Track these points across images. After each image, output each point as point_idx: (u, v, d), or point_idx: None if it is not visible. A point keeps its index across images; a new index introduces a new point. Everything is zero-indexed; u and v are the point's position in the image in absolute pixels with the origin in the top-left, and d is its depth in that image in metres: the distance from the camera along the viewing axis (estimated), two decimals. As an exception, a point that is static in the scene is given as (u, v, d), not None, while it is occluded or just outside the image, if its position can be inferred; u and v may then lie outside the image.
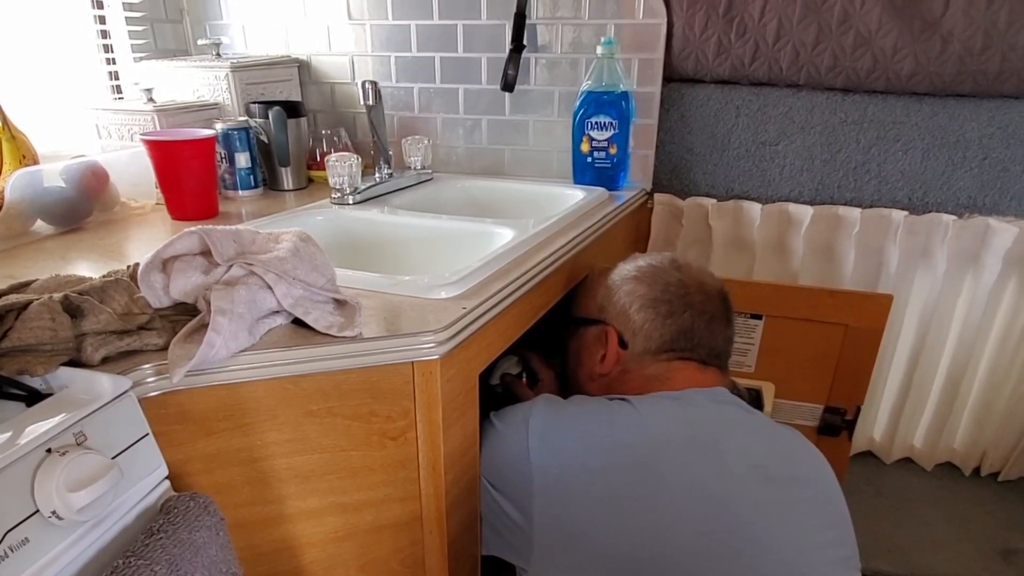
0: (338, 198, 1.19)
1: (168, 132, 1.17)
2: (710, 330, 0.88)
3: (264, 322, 0.68)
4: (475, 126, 1.46)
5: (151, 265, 0.68)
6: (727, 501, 0.71)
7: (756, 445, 0.77)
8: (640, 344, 0.89)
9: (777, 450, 0.78)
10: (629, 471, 0.74)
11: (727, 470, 0.73)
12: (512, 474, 0.80)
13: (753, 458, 0.75)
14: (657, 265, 0.93)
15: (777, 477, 0.75)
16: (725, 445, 0.76)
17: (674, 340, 0.88)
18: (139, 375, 0.61)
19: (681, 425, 0.77)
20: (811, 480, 0.77)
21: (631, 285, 0.91)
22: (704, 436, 0.76)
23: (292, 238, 0.74)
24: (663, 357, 0.88)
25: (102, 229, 1.08)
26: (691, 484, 0.72)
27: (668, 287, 0.89)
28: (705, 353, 0.88)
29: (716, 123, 1.32)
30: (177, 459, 0.66)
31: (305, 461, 0.71)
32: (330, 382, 0.68)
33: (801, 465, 0.78)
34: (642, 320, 0.89)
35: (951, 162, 1.22)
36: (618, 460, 0.75)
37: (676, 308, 0.88)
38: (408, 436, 0.72)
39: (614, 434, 0.77)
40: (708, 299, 0.90)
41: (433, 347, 0.69)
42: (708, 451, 0.75)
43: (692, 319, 0.88)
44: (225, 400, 0.66)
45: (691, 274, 0.91)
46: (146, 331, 0.64)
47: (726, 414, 0.81)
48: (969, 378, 1.31)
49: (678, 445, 0.75)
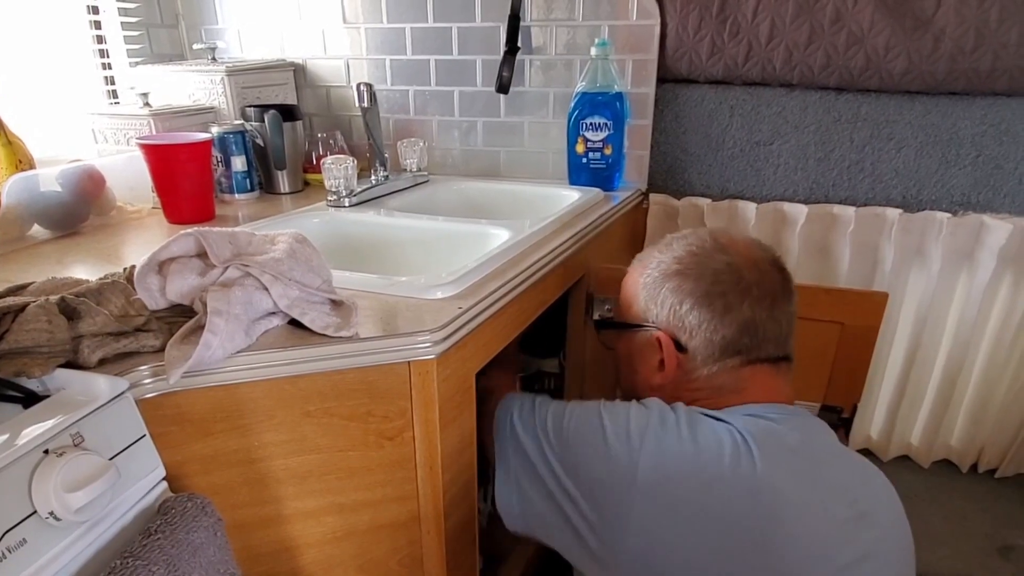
0: (334, 200, 1.19)
1: (164, 136, 1.17)
2: (773, 316, 0.77)
3: (261, 323, 0.69)
4: (471, 128, 1.46)
5: (147, 267, 0.68)
6: (830, 544, 0.67)
7: (850, 480, 0.73)
8: (701, 346, 0.77)
9: (866, 488, 0.73)
10: (741, 504, 0.67)
11: (829, 513, 0.68)
12: (607, 484, 0.70)
13: (848, 495, 0.70)
14: (699, 251, 0.80)
15: (871, 518, 0.70)
16: (825, 480, 0.70)
17: (738, 339, 0.76)
18: (136, 376, 0.62)
19: (786, 458, 0.69)
20: (894, 522, 0.73)
21: (675, 281, 0.79)
22: (806, 470, 0.70)
23: (288, 240, 0.75)
24: (730, 363, 0.77)
25: (99, 233, 1.09)
26: (798, 519, 0.66)
27: (718, 276, 0.77)
28: (773, 347, 0.77)
29: (710, 123, 1.33)
30: (175, 460, 0.66)
31: (303, 461, 0.71)
32: (327, 382, 0.68)
33: (881, 504, 0.74)
34: (697, 321, 0.77)
35: (944, 160, 1.23)
36: (728, 490, 0.67)
37: (732, 300, 0.76)
38: (405, 436, 0.73)
39: (722, 464, 0.68)
40: (764, 277, 0.77)
41: (429, 347, 0.69)
42: (810, 487, 0.69)
43: (752, 311, 0.76)
44: (222, 401, 0.66)
45: (740, 251, 0.79)
46: (143, 333, 0.65)
47: (817, 442, 0.74)
48: (965, 375, 1.31)
49: (785, 486, 0.67)
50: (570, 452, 0.74)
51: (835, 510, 0.68)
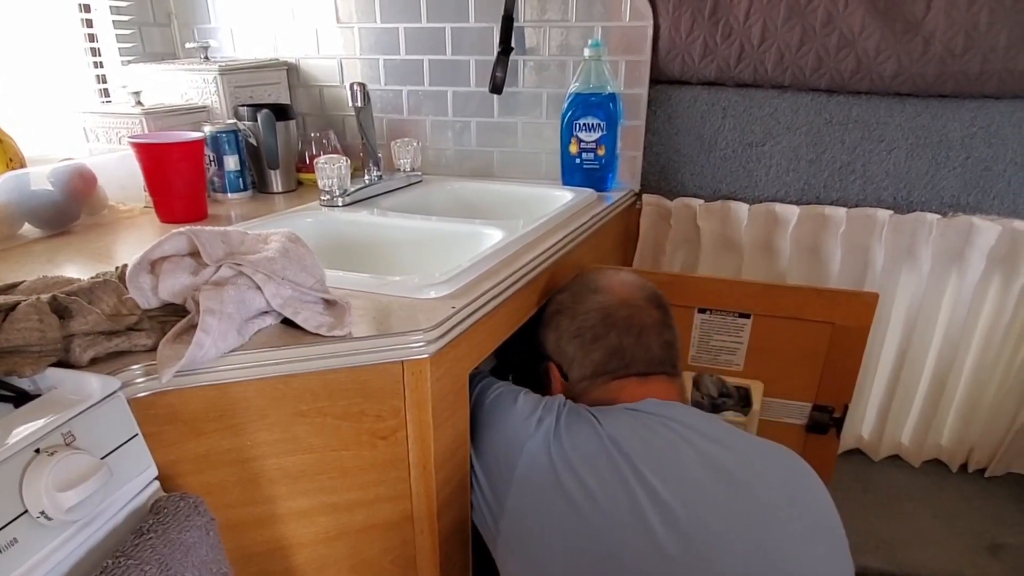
0: (327, 200, 1.19)
1: (156, 135, 1.17)
2: (641, 343, 0.89)
3: (253, 322, 0.68)
4: (464, 128, 1.47)
5: (139, 266, 0.68)
6: (686, 503, 0.71)
7: (713, 448, 0.78)
8: (576, 372, 0.91)
9: (736, 454, 0.78)
10: (601, 471, 0.75)
11: (686, 475, 0.74)
12: (501, 453, 0.81)
13: (712, 460, 0.76)
14: (577, 292, 0.95)
15: (739, 479, 0.75)
16: (680, 451, 0.77)
17: (606, 362, 0.89)
18: (128, 376, 0.61)
19: (637, 431, 0.78)
20: (777, 482, 0.77)
21: (556, 320, 0.94)
22: (660, 442, 0.77)
23: (281, 239, 0.75)
24: (599, 381, 0.89)
25: (90, 232, 1.08)
26: (651, 488, 0.73)
27: (588, 315, 0.91)
28: (643, 366, 0.89)
29: (703, 124, 1.33)
30: (167, 460, 0.66)
31: (295, 461, 0.71)
32: (320, 382, 0.68)
33: (762, 463, 0.78)
34: (573, 351, 0.91)
35: (935, 161, 1.24)
36: (595, 465, 0.76)
37: (599, 332, 0.89)
38: (398, 435, 0.73)
39: (592, 442, 0.78)
40: (635, 312, 0.90)
41: (423, 346, 0.69)
42: (665, 457, 0.76)
43: (619, 338, 0.89)
44: (215, 400, 0.66)
45: (613, 292, 0.92)
46: (135, 332, 0.64)
47: (680, 419, 0.81)
48: (955, 375, 1.32)
49: (637, 452, 0.75)
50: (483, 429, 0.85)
51: (684, 448, 0.77)
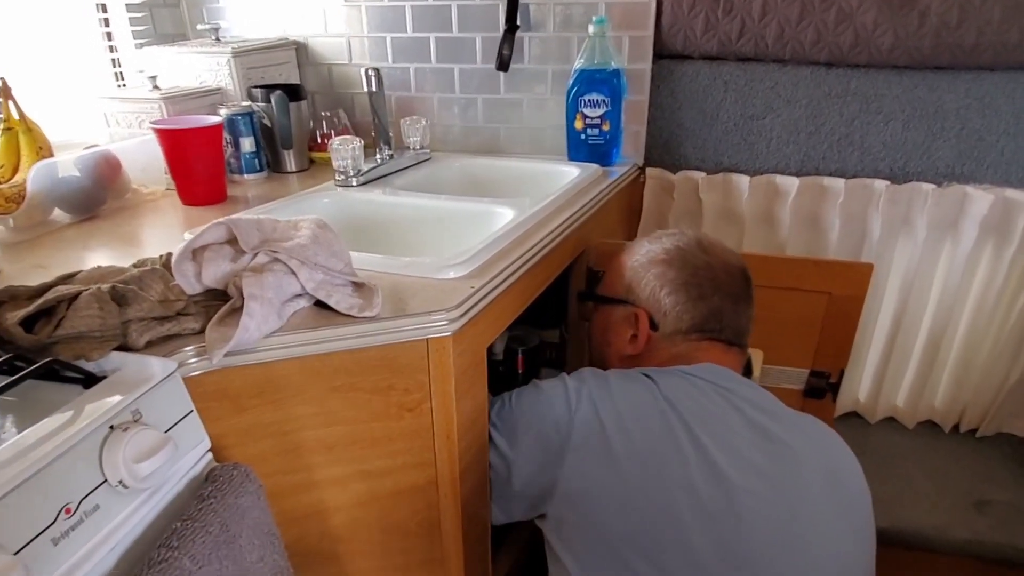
0: (342, 180, 1.23)
1: (176, 120, 1.21)
2: (736, 311, 0.92)
3: (289, 305, 0.74)
4: (471, 105, 1.50)
5: (183, 255, 0.73)
6: (732, 465, 0.76)
7: (762, 418, 0.82)
8: (671, 325, 0.91)
9: (782, 427, 0.81)
10: (654, 435, 0.79)
11: (734, 440, 0.78)
12: (549, 432, 0.83)
13: (760, 430, 0.80)
14: (684, 247, 0.94)
15: (783, 453, 0.79)
16: (731, 418, 0.81)
17: (704, 322, 0.90)
18: (181, 357, 0.67)
19: (691, 394, 0.82)
20: (817, 459, 0.81)
21: (660, 268, 0.93)
22: (714, 408, 0.82)
23: (311, 225, 0.80)
24: (692, 337, 0.91)
25: (117, 216, 1.13)
26: (702, 446, 0.77)
27: (697, 270, 0.92)
28: (732, 334, 0.92)
29: (705, 98, 1.37)
30: (215, 433, 0.71)
31: (330, 432, 0.77)
32: (352, 359, 0.74)
33: (805, 439, 0.82)
34: (672, 303, 0.91)
35: (930, 132, 1.27)
36: (648, 425, 0.80)
37: (706, 291, 0.91)
38: (423, 407, 0.79)
39: (646, 402, 0.82)
40: (734, 280, 0.93)
41: (445, 324, 0.75)
42: (717, 421, 0.80)
43: (720, 301, 0.91)
44: (257, 378, 0.72)
45: (717, 255, 0.94)
46: (183, 316, 0.70)
47: (734, 389, 0.85)
48: (949, 340, 1.38)
49: (692, 413, 0.80)
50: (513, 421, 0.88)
51: (734, 417, 0.81)
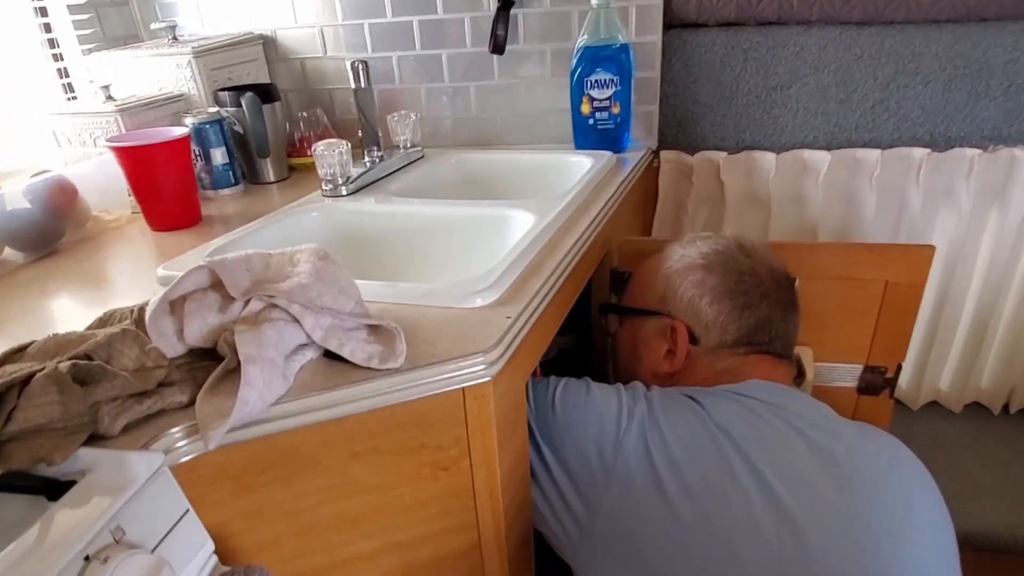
0: (330, 190, 1.10)
1: (136, 135, 1.06)
2: (785, 320, 0.83)
3: (294, 360, 0.61)
4: (461, 94, 1.36)
5: (159, 310, 0.60)
6: (800, 501, 0.66)
7: (824, 439, 0.72)
8: (714, 339, 0.82)
9: (847, 447, 0.72)
10: (709, 469, 0.69)
11: (799, 470, 0.69)
12: (589, 450, 0.73)
13: (824, 454, 0.71)
14: (724, 251, 0.85)
15: (853, 476, 0.70)
16: (791, 443, 0.71)
17: (752, 333, 0.81)
18: (168, 442, 0.54)
19: (746, 419, 0.72)
20: (892, 480, 0.72)
21: (699, 275, 0.83)
22: (772, 433, 0.72)
23: (310, 258, 0.67)
24: (740, 351, 0.82)
25: (78, 250, 0.99)
26: (766, 484, 0.67)
27: (742, 276, 0.82)
28: (781, 345, 0.83)
29: (722, 70, 1.24)
30: (215, 522, 0.59)
31: (353, 504, 0.65)
32: (374, 419, 0.62)
33: (875, 459, 0.73)
34: (716, 313, 0.81)
35: (974, 92, 1.16)
36: (702, 458, 0.70)
37: (753, 299, 0.81)
38: (461, 465, 0.66)
39: (697, 430, 0.72)
40: (780, 286, 0.84)
41: (484, 368, 0.62)
42: (778, 449, 0.70)
43: (769, 310, 0.82)
44: (262, 453, 0.59)
45: (760, 260, 0.84)
46: (166, 388, 0.57)
47: (788, 407, 0.75)
48: (997, 316, 1.28)
49: (750, 443, 0.70)
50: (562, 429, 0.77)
51: (795, 440, 0.71)
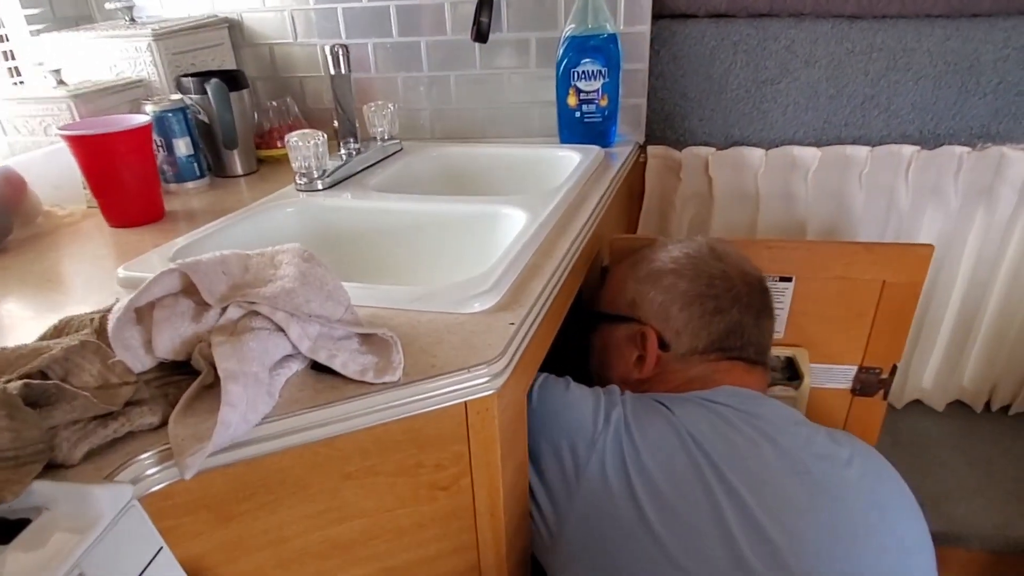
0: (305, 184, 1.03)
1: (92, 122, 0.97)
2: (758, 326, 0.82)
3: (279, 374, 0.55)
4: (440, 83, 1.30)
5: (124, 319, 0.53)
6: (772, 512, 0.64)
7: (796, 448, 0.70)
8: (685, 344, 0.80)
9: (820, 456, 0.70)
10: (678, 472, 0.67)
11: (770, 480, 0.66)
12: (563, 451, 0.70)
13: (797, 463, 0.68)
14: (695, 255, 0.83)
15: (826, 485, 0.68)
16: (764, 452, 0.69)
17: (723, 339, 0.80)
18: (136, 470, 0.48)
19: (717, 427, 0.70)
20: (865, 489, 0.69)
21: (669, 279, 0.82)
22: (743, 441, 0.69)
23: (294, 259, 0.60)
24: (711, 357, 0.80)
25: (28, 249, 0.90)
26: (736, 495, 0.65)
27: (712, 281, 0.81)
28: (754, 351, 0.81)
29: (712, 63, 1.21)
30: (191, 555, 0.53)
31: (344, 530, 0.59)
32: (368, 438, 0.56)
33: (847, 468, 0.70)
34: (686, 318, 0.80)
35: (964, 89, 1.15)
36: (673, 467, 0.67)
37: (724, 304, 0.80)
38: (462, 483, 0.61)
39: (667, 436, 0.69)
40: (753, 291, 0.82)
41: (487, 381, 0.57)
42: (749, 459, 0.68)
43: (741, 315, 0.80)
44: (244, 478, 0.53)
45: (733, 264, 0.83)
46: (134, 407, 0.50)
47: (760, 413, 0.73)
48: (980, 314, 1.27)
49: (720, 452, 0.68)
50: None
51: (767, 450, 0.68)
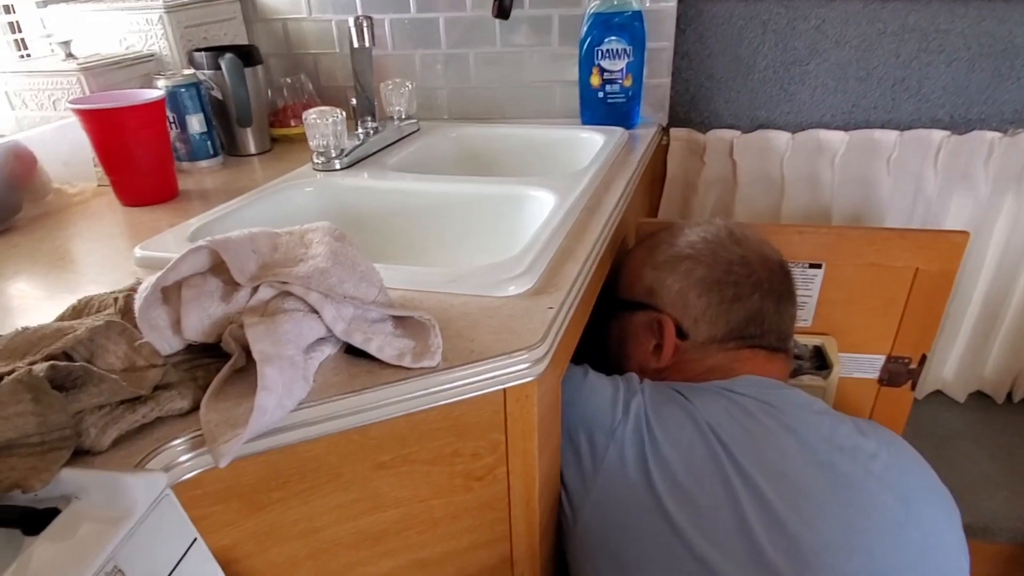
0: (322, 163, 1.00)
1: (103, 96, 0.94)
2: (779, 312, 0.79)
3: (313, 357, 0.52)
4: (460, 62, 1.27)
5: (151, 298, 0.51)
6: (792, 505, 0.61)
7: (818, 440, 0.67)
8: (703, 333, 0.78)
9: (843, 447, 0.67)
10: (697, 463, 0.65)
11: (790, 473, 0.64)
12: (580, 440, 0.69)
13: (818, 456, 0.66)
14: (713, 239, 0.81)
15: (849, 478, 0.65)
16: (783, 444, 0.66)
17: (743, 327, 0.77)
18: (168, 457, 0.45)
19: (736, 417, 0.68)
20: (890, 480, 0.66)
21: (686, 265, 0.79)
22: (762, 432, 0.67)
23: (325, 238, 0.58)
24: (730, 346, 0.77)
25: (37, 227, 0.88)
26: (755, 487, 0.62)
27: (731, 266, 0.78)
28: (775, 338, 0.79)
29: (739, 43, 1.17)
30: (222, 544, 0.51)
31: (377, 520, 0.57)
32: (406, 425, 0.54)
33: (872, 458, 0.67)
34: (704, 306, 0.77)
35: (997, 73, 1.12)
36: (692, 458, 0.65)
37: (743, 290, 0.77)
38: (497, 473, 0.59)
39: (686, 427, 0.67)
40: (773, 275, 0.79)
41: (528, 367, 0.55)
42: (768, 450, 0.65)
43: (761, 302, 0.77)
44: (277, 466, 0.51)
45: (752, 248, 0.80)
46: (163, 391, 0.48)
47: (780, 405, 0.70)
48: (1006, 304, 1.25)
49: (739, 443, 0.65)
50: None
51: (787, 442, 0.66)
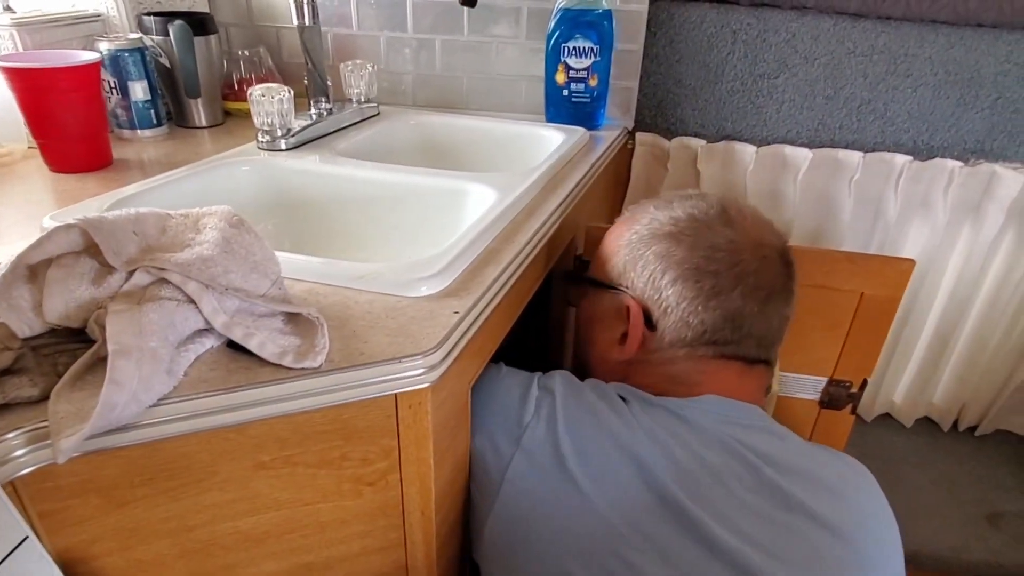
0: (267, 142, 0.96)
1: (36, 55, 0.90)
2: (764, 313, 0.67)
3: (188, 349, 0.49)
4: (426, 47, 1.23)
5: (13, 274, 0.47)
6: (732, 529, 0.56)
7: (775, 474, 0.61)
8: (672, 329, 0.67)
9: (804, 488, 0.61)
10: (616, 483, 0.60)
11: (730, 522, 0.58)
12: (484, 445, 0.65)
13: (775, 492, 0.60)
14: (701, 216, 0.68)
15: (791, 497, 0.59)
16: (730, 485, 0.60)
17: (717, 329, 0.66)
18: (3, 449, 0.42)
19: (684, 447, 0.61)
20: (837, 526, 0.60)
21: (664, 244, 0.67)
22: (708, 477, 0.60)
23: (219, 224, 0.55)
24: (699, 352, 0.67)
25: (-45, 186, 0.84)
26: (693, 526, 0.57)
27: (715, 251, 0.66)
28: (754, 346, 0.68)
29: (709, 50, 1.15)
30: (79, 540, 0.48)
31: (257, 522, 0.54)
32: (286, 426, 0.51)
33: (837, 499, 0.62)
34: (676, 295, 0.66)
35: (962, 101, 1.10)
36: (607, 469, 0.61)
37: (723, 282, 0.65)
38: (390, 479, 0.57)
39: (603, 441, 0.62)
40: (765, 267, 0.67)
41: (422, 373, 0.52)
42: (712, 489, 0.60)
43: (743, 299, 0.65)
44: (140, 462, 0.48)
45: (746, 230, 0.68)
46: (12, 376, 0.45)
47: (735, 443, 0.63)
48: (957, 333, 1.24)
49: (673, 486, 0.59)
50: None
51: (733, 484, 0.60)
